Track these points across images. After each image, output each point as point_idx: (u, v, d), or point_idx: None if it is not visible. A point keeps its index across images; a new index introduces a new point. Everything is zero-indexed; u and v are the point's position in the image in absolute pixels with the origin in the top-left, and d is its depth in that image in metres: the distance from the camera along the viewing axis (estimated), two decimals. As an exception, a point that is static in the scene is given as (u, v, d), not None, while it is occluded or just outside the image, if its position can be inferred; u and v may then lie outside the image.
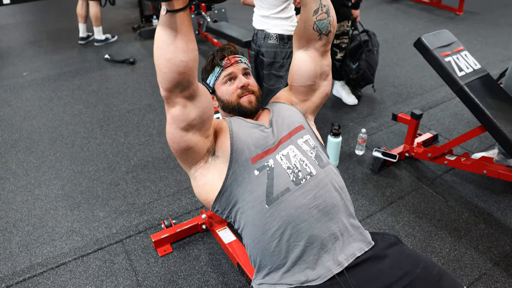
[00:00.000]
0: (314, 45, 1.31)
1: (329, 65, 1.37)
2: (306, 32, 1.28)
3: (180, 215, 2.22)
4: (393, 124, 2.95)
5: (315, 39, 1.29)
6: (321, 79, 1.37)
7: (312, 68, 1.33)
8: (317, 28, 1.26)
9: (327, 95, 1.41)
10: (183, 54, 1.00)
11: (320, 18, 1.25)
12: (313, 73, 1.34)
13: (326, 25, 1.26)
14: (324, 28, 1.27)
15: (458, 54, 2.16)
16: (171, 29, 0.97)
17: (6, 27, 5.64)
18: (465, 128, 2.89)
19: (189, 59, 1.01)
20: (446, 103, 3.26)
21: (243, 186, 1.18)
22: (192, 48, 1.01)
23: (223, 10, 4.72)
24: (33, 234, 2.14)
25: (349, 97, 3.28)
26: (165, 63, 1.00)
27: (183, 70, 1.01)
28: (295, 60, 1.36)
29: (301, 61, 1.34)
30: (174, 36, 0.98)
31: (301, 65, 1.34)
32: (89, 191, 2.43)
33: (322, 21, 1.25)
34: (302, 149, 1.25)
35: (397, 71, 3.87)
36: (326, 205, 1.16)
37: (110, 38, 4.88)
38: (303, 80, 1.36)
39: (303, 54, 1.33)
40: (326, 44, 1.31)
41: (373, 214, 2.17)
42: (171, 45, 0.98)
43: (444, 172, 2.46)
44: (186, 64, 1.01)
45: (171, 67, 1.00)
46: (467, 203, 2.23)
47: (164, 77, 1.02)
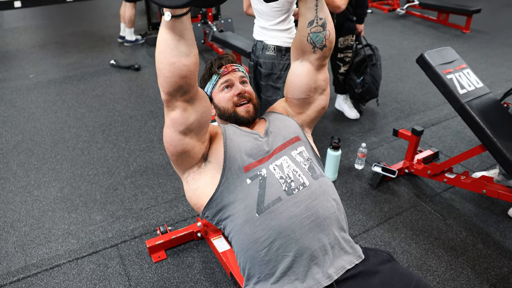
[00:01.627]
0: (308, 58, 1.29)
1: (326, 80, 1.36)
2: (301, 43, 1.27)
3: (176, 222, 2.22)
4: (394, 139, 2.95)
5: (309, 52, 1.28)
6: (316, 93, 1.35)
7: (306, 81, 1.32)
8: (311, 41, 1.25)
9: (323, 109, 1.40)
10: (185, 58, 1.01)
11: (314, 31, 1.23)
12: (307, 87, 1.32)
13: (321, 38, 1.24)
14: (319, 41, 1.25)
15: (460, 71, 2.16)
16: (175, 34, 0.98)
17: (16, 30, 5.72)
18: (466, 147, 2.88)
19: (191, 63, 1.02)
20: (449, 120, 3.25)
21: (235, 194, 1.18)
22: (194, 52, 1.02)
23: (229, 20, 4.76)
24: (30, 235, 2.14)
25: (351, 111, 3.29)
26: (167, 67, 1.01)
27: (185, 74, 1.03)
28: (290, 72, 1.36)
29: (296, 73, 1.33)
30: (177, 41, 0.99)
31: (295, 78, 1.34)
32: (87, 195, 2.44)
33: (317, 34, 1.24)
34: (296, 160, 1.25)
35: (400, 87, 3.88)
36: (318, 216, 1.16)
37: (139, 39, 5.06)
38: (297, 93, 1.35)
39: (298, 67, 1.33)
40: (321, 58, 1.29)
41: (369, 229, 2.16)
42: (174, 49, 1.00)
43: (444, 190, 2.45)
44: (188, 68, 1.02)
45: (173, 71, 1.02)
46: (466, 222, 2.21)
47: (166, 81, 1.04)
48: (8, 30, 5.73)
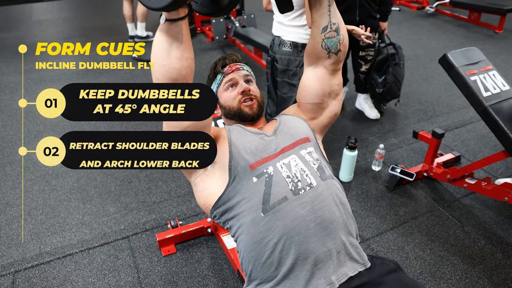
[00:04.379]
0: (323, 63, 1.28)
1: (340, 84, 1.34)
2: (315, 49, 1.26)
3: (188, 217, 2.23)
4: (414, 141, 2.87)
5: (324, 57, 1.27)
6: (329, 98, 1.34)
7: (320, 86, 1.30)
8: (326, 46, 1.24)
9: (336, 115, 1.38)
10: (177, 62, 1.03)
11: (328, 36, 1.22)
12: (321, 91, 1.31)
13: (336, 43, 1.24)
14: (333, 46, 1.24)
15: (485, 73, 2.07)
16: (169, 37, 1.01)
17: (44, 22, 5.87)
18: (491, 152, 2.77)
19: (182, 67, 1.04)
20: (474, 124, 3.14)
21: (241, 192, 1.17)
22: (187, 56, 1.04)
23: (252, 16, 4.74)
24: (45, 223, 2.20)
25: (371, 111, 3.21)
26: (159, 69, 1.04)
27: (176, 77, 1.05)
28: (304, 77, 1.34)
29: (310, 78, 1.32)
30: (170, 44, 1.02)
31: (309, 83, 1.32)
32: (102, 186, 2.48)
33: (331, 39, 1.23)
34: (305, 159, 1.22)
35: (424, 87, 3.77)
36: (324, 219, 1.12)
37: (151, 36, 4.98)
38: (310, 98, 1.33)
39: (312, 72, 1.31)
40: (336, 63, 1.28)
41: (383, 233, 2.11)
42: (166, 52, 1.02)
43: (464, 195, 2.36)
44: (179, 72, 1.04)
45: (164, 74, 1.04)
46: (485, 230, 2.12)
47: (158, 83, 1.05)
48: (36, 22, 5.89)
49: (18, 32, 5.44)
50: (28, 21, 5.94)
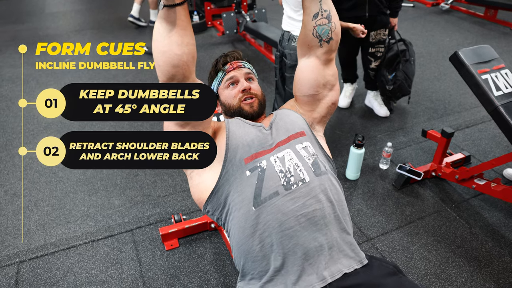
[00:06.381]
0: (315, 52, 1.25)
1: (334, 75, 1.31)
2: (306, 38, 1.24)
3: (192, 212, 2.23)
4: (423, 140, 2.82)
5: (315, 46, 1.24)
6: (325, 89, 1.31)
7: (314, 77, 1.28)
8: (317, 34, 1.21)
9: (334, 105, 1.35)
10: (177, 48, 1.03)
11: (320, 23, 1.20)
12: (315, 82, 1.28)
13: (327, 31, 1.21)
14: (324, 34, 1.21)
15: (497, 72, 2.02)
16: (168, 23, 1.01)
17: (56, 14, 5.91)
18: (502, 152, 2.71)
19: (183, 53, 1.03)
20: (486, 123, 3.07)
21: (234, 186, 1.16)
22: (187, 42, 1.03)
23: (263, 10, 4.71)
24: (51, 215, 2.21)
25: (381, 109, 3.17)
26: (160, 56, 1.04)
27: (177, 63, 1.04)
28: (297, 69, 1.32)
29: (303, 69, 1.29)
30: (170, 30, 1.01)
31: (302, 74, 1.30)
32: (108, 179, 2.49)
33: (322, 27, 1.20)
34: (300, 154, 1.20)
35: (436, 85, 3.70)
36: (315, 215, 1.11)
37: None
38: (305, 90, 1.31)
39: (305, 62, 1.29)
40: (328, 52, 1.25)
41: (388, 232, 2.08)
42: (166, 38, 1.02)
43: (472, 196, 2.32)
44: (180, 57, 1.03)
45: (165, 60, 1.04)
46: (493, 232, 2.08)
47: (159, 70, 1.06)
48: (49, 14, 5.94)
49: (31, 24, 5.48)
50: (41, 13, 5.98)
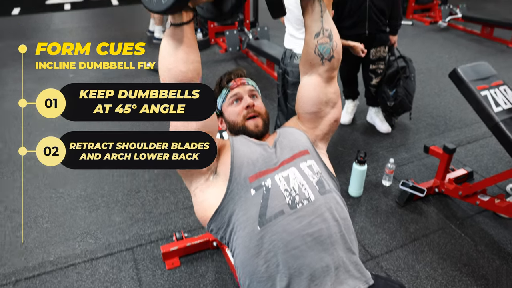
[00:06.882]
0: (317, 70, 1.27)
1: (336, 93, 1.32)
2: (308, 56, 1.25)
3: (193, 229, 2.20)
4: (425, 156, 2.81)
5: (317, 64, 1.25)
6: (327, 107, 1.31)
7: (316, 94, 1.28)
8: (319, 52, 1.23)
9: (336, 122, 1.35)
10: (183, 65, 1.05)
11: (321, 42, 1.21)
12: (317, 99, 1.29)
13: (328, 49, 1.22)
14: (326, 52, 1.23)
15: (496, 88, 2.03)
16: (174, 41, 1.03)
17: (61, 31, 5.97)
18: (505, 168, 2.69)
19: (188, 70, 1.05)
20: (487, 139, 3.07)
21: (239, 205, 1.14)
22: (192, 59, 1.05)
23: (265, 28, 4.77)
24: (50, 232, 2.18)
25: (382, 125, 3.17)
26: (166, 73, 1.06)
27: (182, 79, 1.06)
28: (300, 87, 1.33)
29: (305, 87, 1.30)
30: (176, 48, 1.04)
31: (305, 91, 1.31)
32: (110, 195, 2.46)
33: (324, 45, 1.22)
34: (304, 173, 1.19)
35: (437, 101, 3.71)
36: (321, 234, 1.09)
37: None
38: (307, 107, 1.31)
39: (307, 80, 1.30)
40: (330, 70, 1.26)
41: (392, 250, 2.05)
42: (173, 55, 1.04)
43: (477, 212, 2.29)
44: (185, 74, 1.05)
45: (171, 77, 1.06)
46: (500, 250, 2.05)
47: None
48: (55, 30, 5.99)
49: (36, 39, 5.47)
50: (47, 30, 6.03)
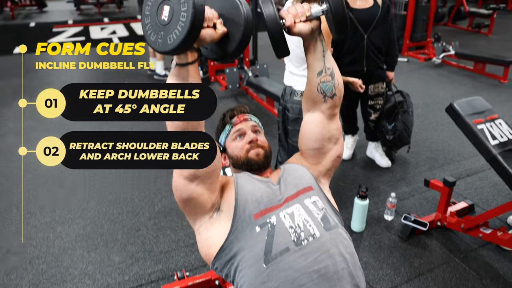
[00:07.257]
0: (320, 107, 1.29)
1: (338, 129, 1.34)
2: (311, 93, 1.28)
3: (195, 268, 2.16)
4: (426, 190, 2.81)
5: (320, 101, 1.28)
6: (330, 143, 1.33)
7: (319, 131, 1.30)
8: (321, 90, 1.26)
9: (339, 158, 1.37)
10: None
11: (324, 80, 1.25)
12: (320, 136, 1.31)
13: (331, 87, 1.26)
14: (329, 90, 1.26)
15: (491, 122, 2.08)
16: (180, 80, 1.05)
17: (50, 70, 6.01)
18: (505, 200, 2.69)
19: None
20: (486, 172, 3.08)
21: (243, 242, 1.14)
22: None
23: (265, 66, 4.89)
24: (47, 273, 2.14)
25: (382, 159, 3.19)
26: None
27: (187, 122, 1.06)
28: (303, 124, 1.35)
29: (308, 124, 1.33)
30: None
31: (308, 128, 1.33)
32: (109, 234, 2.44)
33: (326, 83, 1.25)
34: (309, 209, 1.20)
35: (435, 135, 3.76)
36: (328, 270, 1.08)
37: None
38: (310, 143, 1.33)
39: (310, 117, 1.32)
40: (332, 107, 1.29)
41: (397, 286, 2.01)
42: None
43: (480, 245, 2.27)
44: None
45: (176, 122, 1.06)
46: (505, 283, 2.02)
47: (168, 124, 1.06)
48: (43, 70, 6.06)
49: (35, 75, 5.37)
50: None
